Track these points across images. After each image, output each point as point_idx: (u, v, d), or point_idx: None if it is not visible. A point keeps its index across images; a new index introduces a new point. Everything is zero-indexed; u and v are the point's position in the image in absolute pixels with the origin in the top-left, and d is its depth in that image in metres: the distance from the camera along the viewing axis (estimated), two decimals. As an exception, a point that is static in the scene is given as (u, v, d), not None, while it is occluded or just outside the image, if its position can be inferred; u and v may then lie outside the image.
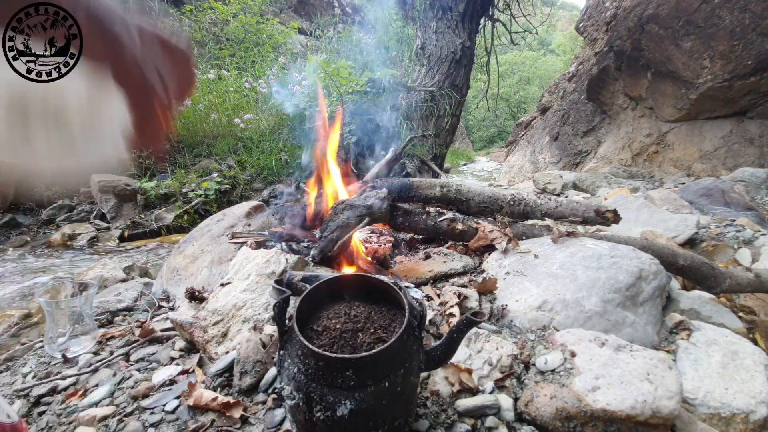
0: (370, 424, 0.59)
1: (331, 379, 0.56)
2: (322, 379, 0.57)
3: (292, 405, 0.59)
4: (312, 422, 0.58)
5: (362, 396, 0.56)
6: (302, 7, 8.68)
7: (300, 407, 0.58)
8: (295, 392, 0.58)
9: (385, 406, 0.59)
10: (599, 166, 5.30)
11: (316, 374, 0.57)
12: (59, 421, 0.82)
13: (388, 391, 0.58)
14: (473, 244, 1.38)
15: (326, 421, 0.57)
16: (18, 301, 1.77)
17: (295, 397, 0.58)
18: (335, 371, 0.56)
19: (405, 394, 0.62)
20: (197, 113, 4.05)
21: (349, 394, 0.56)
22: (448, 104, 4.10)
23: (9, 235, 2.77)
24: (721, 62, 3.93)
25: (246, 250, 1.22)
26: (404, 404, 0.64)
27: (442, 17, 4.09)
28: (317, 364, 0.57)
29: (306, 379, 0.58)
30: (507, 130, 15.69)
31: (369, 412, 0.57)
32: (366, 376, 0.57)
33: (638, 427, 0.71)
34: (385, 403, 0.58)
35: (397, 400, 0.61)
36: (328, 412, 0.56)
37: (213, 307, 1.02)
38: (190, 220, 3.11)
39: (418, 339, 0.65)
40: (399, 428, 0.64)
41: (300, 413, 0.59)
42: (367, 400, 0.56)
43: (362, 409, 0.56)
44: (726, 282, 1.28)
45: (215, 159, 3.87)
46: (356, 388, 0.56)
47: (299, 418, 0.60)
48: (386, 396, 0.58)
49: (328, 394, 0.56)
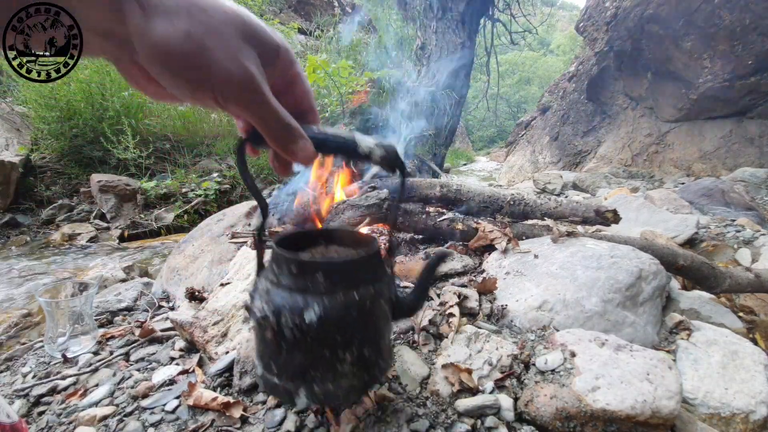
0: (338, 339, 0.56)
1: (301, 284, 0.55)
2: (292, 285, 0.56)
3: (260, 318, 0.56)
4: (280, 336, 0.55)
5: (331, 302, 0.55)
6: (302, 7, 8.68)
7: (268, 319, 0.55)
8: (264, 305, 0.56)
9: (354, 322, 0.57)
10: (599, 166, 5.30)
11: (287, 281, 0.56)
12: (59, 421, 0.82)
13: (357, 304, 0.56)
14: (473, 244, 1.38)
15: (294, 330, 0.54)
16: (18, 300, 1.77)
17: (263, 309, 0.56)
18: (305, 275, 0.55)
19: (374, 318, 0.60)
20: (197, 113, 4.05)
21: (317, 299, 0.54)
22: (448, 104, 4.10)
23: (9, 235, 2.77)
24: (722, 62, 3.93)
25: (246, 250, 1.22)
26: (374, 332, 0.61)
27: (442, 17, 4.09)
28: (288, 268, 0.56)
29: (276, 287, 0.57)
30: (507, 130, 15.69)
31: (338, 323, 0.55)
32: (335, 282, 0.56)
33: (638, 427, 0.71)
34: (354, 317, 0.57)
35: (367, 320, 0.59)
36: (297, 319, 0.54)
37: (213, 307, 1.02)
38: (190, 220, 3.11)
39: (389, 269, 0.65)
40: (368, 361, 0.60)
41: (268, 328, 0.56)
42: (335, 307, 0.55)
43: (331, 317, 0.55)
44: (726, 282, 1.28)
45: (215, 159, 3.88)
46: (325, 293, 0.55)
47: (267, 337, 0.57)
48: (355, 308, 0.56)
49: (297, 300, 0.55)
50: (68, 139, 3.29)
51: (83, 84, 3.28)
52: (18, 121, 3.54)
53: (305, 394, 0.57)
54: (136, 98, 3.60)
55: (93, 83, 3.33)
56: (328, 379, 0.57)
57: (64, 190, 3.24)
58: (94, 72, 3.39)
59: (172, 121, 3.87)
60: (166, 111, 3.88)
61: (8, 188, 2.93)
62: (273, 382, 0.58)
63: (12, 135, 3.36)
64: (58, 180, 3.27)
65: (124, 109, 3.42)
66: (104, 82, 3.41)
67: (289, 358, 0.57)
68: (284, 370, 0.57)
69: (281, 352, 0.57)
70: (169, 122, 3.86)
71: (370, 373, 0.62)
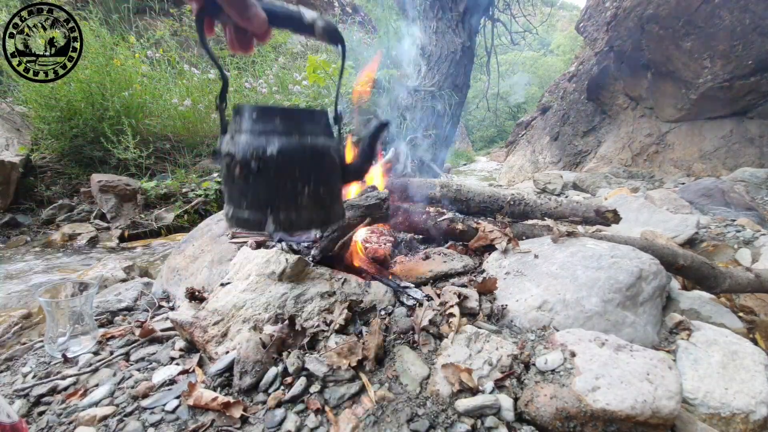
0: (296, 174, 0.67)
1: (262, 127, 0.66)
2: (254, 129, 0.66)
3: (229, 159, 0.66)
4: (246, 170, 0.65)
5: (288, 141, 0.65)
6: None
7: (236, 160, 0.65)
8: (232, 147, 0.66)
9: (308, 161, 0.68)
10: (599, 166, 5.30)
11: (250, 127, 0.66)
12: (59, 421, 0.82)
13: (309, 147, 0.68)
14: (473, 244, 1.38)
15: (258, 163, 0.64)
16: (18, 300, 1.77)
17: (232, 150, 0.66)
18: (265, 121, 0.66)
19: (326, 164, 0.71)
20: (197, 113, 4.04)
21: (276, 137, 0.65)
22: (448, 104, 4.10)
23: (9, 235, 2.77)
24: (722, 62, 3.93)
25: (246, 250, 1.22)
26: (327, 176, 0.72)
27: (442, 17, 4.09)
28: (250, 117, 0.66)
29: (240, 134, 0.66)
30: (507, 130, 15.68)
31: (293, 158, 0.66)
32: (291, 127, 0.66)
33: (638, 427, 0.71)
34: (308, 156, 0.68)
35: (319, 162, 0.70)
36: (260, 152, 0.64)
37: (213, 307, 1.02)
38: (190, 220, 3.11)
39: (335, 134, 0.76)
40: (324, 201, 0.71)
41: (237, 166, 0.65)
42: (291, 145, 0.66)
43: (287, 151, 0.65)
44: (726, 282, 1.28)
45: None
46: (282, 133, 0.66)
47: (236, 174, 0.66)
48: (308, 150, 0.67)
49: (260, 140, 0.65)
50: (68, 139, 3.29)
51: (83, 84, 3.28)
52: (18, 121, 3.54)
53: (272, 221, 0.66)
54: (136, 98, 3.61)
55: (93, 83, 3.33)
56: (290, 208, 0.68)
57: (65, 190, 3.24)
58: (94, 72, 3.39)
59: (172, 121, 3.87)
60: (166, 111, 3.88)
61: (8, 188, 2.93)
62: (243, 216, 0.67)
63: (12, 135, 3.35)
64: (58, 180, 3.27)
65: (124, 109, 3.42)
66: (104, 82, 3.41)
67: (256, 192, 0.66)
68: (252, 203, 0.67)
69: (249, 188, 0.66)
70: (169, 122, 3.86)
71: (327, 213, 0.72)
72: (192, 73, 4.43)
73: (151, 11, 5.98)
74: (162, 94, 3.99)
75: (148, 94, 3.81)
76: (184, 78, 4.40)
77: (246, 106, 0.67)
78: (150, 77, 4.09)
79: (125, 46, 4.18)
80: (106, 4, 5.16)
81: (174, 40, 5.41)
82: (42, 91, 3.19)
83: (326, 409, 0.78)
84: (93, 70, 3.39)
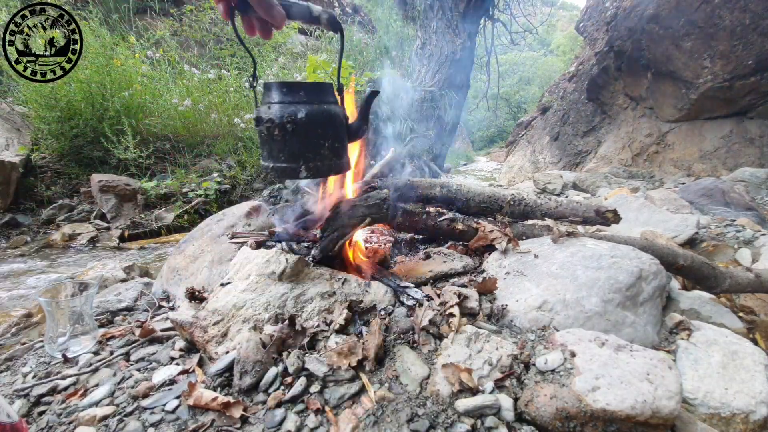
0: (319, 131, 0.92)
1: (291, 98, 0.90)
2: (285, 100, 0.90)
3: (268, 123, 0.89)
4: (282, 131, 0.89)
5: (310, 108, 0.90)
6: (302, 7, 8.66)
7: (275, 123, 0.89)
8: (271, 115, 0.89)
9: (326, 122, 0.93)
10: (599, 166, 5.30)
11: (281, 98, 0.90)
12: (59, 421, 0.82)
13: (326, 111, 0.93)
14: (473, 244, 1.38)
15: (292, 125, 0.89)
16: (18, 300, 1.77)
17: (271, 116, 0.89)
18: (293, 93, 0.91)
19: (337, 123, 0.96)
20: (197, 113, 4.04)
21: (303, 106, 0.90)
22: (448, 104, 4.09)
23: (9, 235, 2.77)
24: (722, 62, 3.93)
25: (246, 250, 1.22)
26: (338, 133, 0.97)
27: (442, 17, 4.09)
28: (281, 90, 0.91)
29: (275, 104, 0.90)
30: (507, 130, 15.67)
31: (316, 120, 0.91)
32: (312, 97, 0.91)
33: (638, 427, 0.71)
34: (325, 118, 0.92)
35: (334, 122, 0.95)
36: (293, 117, 0.89)
37: (213, 307, 1.02)
38: (190, 220, 3.11)
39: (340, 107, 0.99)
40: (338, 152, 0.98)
41: (275, 128, 0.89)
42: (314, 110, 0.90)
43: (312, 115, 0.90)
44: (726, 282, 1.28)
45: (215, 159, 3.87)
46: (306, 102, 0.90)
47: (274, 134, 0.90)
48: (326, 114, 0.92)
49: (291, 108, 0.89)
50: (68, 139, 3.29)
51: (83, 84, 3.28)
52: (18, 121, 3.54)
53: (304, 169, 0.92)
54: (136, 98, 3.61)
55: (93, 83, 3.33)
56: (317, 158, 0.94)
57: (65, 190, 3.24)
58: (94, 72, 3.39)
59: (172, 121, 3.87)
60: (166, 111, 3.88)
61: (8, 188, 2.93)
62: (281, 166, 0.93)
63: (12, 135, 3.35)
64: (58, 180, 3.27)
65: (124, 109, 3.42)
66: (104, 82, 3.41)
67: (291, 147, 0.91)
68: (289, 156, 0.92)
69: (285, 144, 0.91)
70: (170, 122, 3.86)
71: (340, 162, 0.99)
72: (192, 73, 4.43)
73: (151, 11, 5.98)
74: (162, 94, 3.99)
75: (148, 94, 3.81)
76: (184, 78, 4.40)
77: (275, 83, 0.91)
78: (150, 77, 4.09)
79: (125, 46, 4.18)
80: (106, 4, 5.16)
81: (174, 40, 5.41)
82: (42, 91, 3.19)
83: (326, 409, 0.78)
84: (93, 70, 3.39)
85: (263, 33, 0.78)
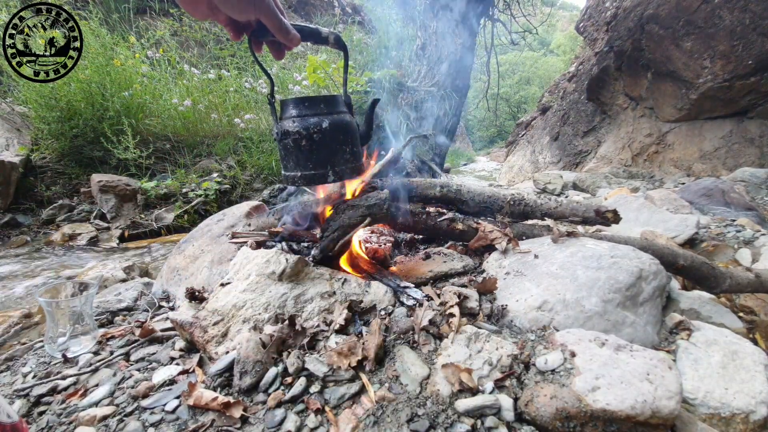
0: (341, 138, 1.02)
1: (313, 111, 0.99)
2: (308, 113, 0.99)
3: (296, 135, 0.98)
4: (309, 141, 0.98)
5: (332, 118, 1.00)
6: (302, 6, 8.67)
7: (301, 134, 0.97)
8: (296, 128, 0.97)
9: (346, 130, 1.03)
10: (599, 166, 5.30)
11: (303, 112, 0.99)
12: (59, 421, 0.82)
13: (344, 121, 1.02)
14: (473, 244, 1.38)
15: (318, 135, 0.98)
16: (18, 300, 1.77)
17: (297, 129, 0.97)
18: (315, 106, 0.99)
19: (355, 131, 1.07)
20: (197, 113, 4.04)
21: (325, 117, 0.99)
22: (448, 104, 4.09)
23: (9, 234, 2.77)
24: (722, 62, 3.93)
25: (246, 250, 1.22)
26: (356, 139, 1.08)
27: (442, 17, 4.09)
28: (303, 105, 0.99)
29: (297, 118, 0.98)
30: (507, 130, 15.68)
31: (338, 128, 1.01)
32: (331, 108, 1.01)
33: (638, 427, 0.71)
34: (345, 126, 1.02)
35: (352, 130, 1.05)
36: (318, 128, 0.98)
37: (213, 307, 1.02)
38: (190, 220, 3.11)
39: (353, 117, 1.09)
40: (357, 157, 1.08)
41: (302, 139, 0.98)
42: (335, 120, 1.00)
43: (334, 125, 0.99)
44: (726, 282, 1.28)
45: (215, 159, 3.87)
46: (328, 114, 1.00)
47: (301, 145, 0.98)
48: (344, 123, 1.02)
49: (315, 119, 0.98)
50: (68, 139, 3.29)
51: (83, 84, 3.28)
52: (18, 121, 3.54)
53: (332, 173, 1.02)
54: (136, 98, 3.60)
55: (93, 83, 3.33)
56: (341, 163, 1.03)
57: (65, 190, 3.24)
58: (94, 72, 3.39)
59: (172, 121, 3.87)
60: (166, 111, 3.88)
61: (8, 188, 2.92)
62: (310, 173, 1.01)
63: (12, 135, 3.35)
64: (58, 180, 3.27)
65: (124, 109, 3.42)
66: (104, 82, 3.41)
67: (317, 155, 1.00)
68: (316, 163, 1.01)
69: (312, 153, 1.00)
70: (169, 122, 3.86)
71: (358, 165, 1.09)
72: (192, 74, 4.43)
73: (151, 11, 5.98)
74: (162, 94, 3.99)
75: (148, 94, 3.80)
76: (184, 78, 4.40)
77: (294, 100, 1.00)
78: (150, 77, 4.09)
79: (125, 46, 4.18)
80: (106, 4, 5.16)
81: (174, 40, 5.41)
82: (42, 91, 3.19)
83: (326, 409, 0.78)
84: (93, 70, 3.39)
85: (276, 54, 0.84)
